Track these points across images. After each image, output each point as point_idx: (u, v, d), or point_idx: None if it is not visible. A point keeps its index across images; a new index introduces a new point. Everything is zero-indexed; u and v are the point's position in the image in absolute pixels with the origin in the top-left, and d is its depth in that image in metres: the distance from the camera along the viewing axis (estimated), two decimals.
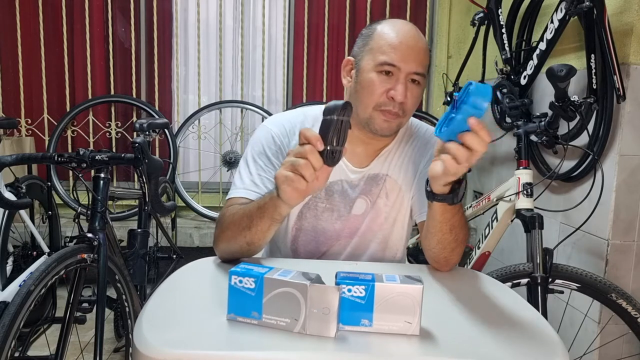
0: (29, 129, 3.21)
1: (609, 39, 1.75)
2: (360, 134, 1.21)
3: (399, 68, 1.12)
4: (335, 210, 1.26)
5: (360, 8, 3.35)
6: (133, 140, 1.63)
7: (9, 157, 1.59)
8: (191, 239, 3.04)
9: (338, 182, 1.25)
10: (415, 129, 1.31)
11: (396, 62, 1.12)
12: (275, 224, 1.05)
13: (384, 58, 1.13)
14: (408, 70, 1.13)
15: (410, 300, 0.78)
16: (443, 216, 1.08)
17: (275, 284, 0.77)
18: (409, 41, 1.14)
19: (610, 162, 1.86)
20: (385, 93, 1.13)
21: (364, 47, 1.18)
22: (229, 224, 1.11)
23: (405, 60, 1.12)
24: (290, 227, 1.27)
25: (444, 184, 1.01)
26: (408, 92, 1.13)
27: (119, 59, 3.31)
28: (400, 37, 1.14)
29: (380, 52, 1.14)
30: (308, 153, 0.89)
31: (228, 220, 1.12)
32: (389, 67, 1.13)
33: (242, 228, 1.07)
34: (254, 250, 1.11)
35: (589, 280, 1.64)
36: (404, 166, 1.27)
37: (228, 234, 1.10)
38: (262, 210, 1.04)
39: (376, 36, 1.16)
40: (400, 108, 1.15)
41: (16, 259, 2.27)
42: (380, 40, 1.15)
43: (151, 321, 0.80)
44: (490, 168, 2.89)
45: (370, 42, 1.17)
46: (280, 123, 1.25)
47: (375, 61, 1.14)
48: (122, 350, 2.16)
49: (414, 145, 1.29)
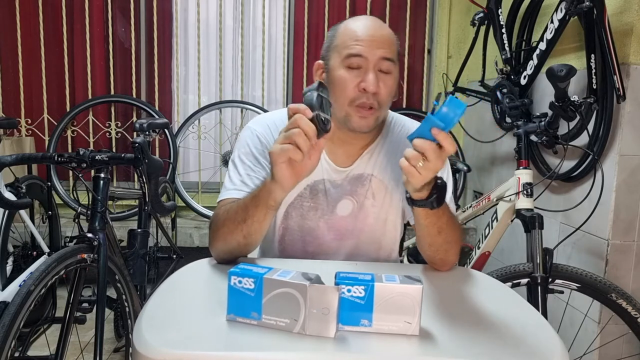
0: (29, 129, 3.21)
1: (609, 39, 1.75)
2: (340, 134, 1.21)
3: (366, 58, 1.13)
4: (319, 209, 1.25)
5: (360, 8, 3.34)
6: (133, 140, 1.63)
7: (9, 157, 1.59)
8: (191, 239, 3.04)
9: (321, 181, 1.24)
10: (399, 127, 1.30)
11: (362, 52, 1.13)
12: (271, 212, 1.06)
13: (349, 51, 1.13)
14: (375, 58, 1.13)
15: (410, 301, 0.78)
16: (427, 220, 1.08)
17: (274, 284, 0.77)
18: (370, 30, 1.14)
19: (610, 162, 1.86)
20: (357, 86, 1.13)
21: (330, 47, 1.19)
22: (224, 221, 1.11)
23: (370, 47, 1.13)
24: (278, 226, 1.27)
25: (418, 190, 1.01)
26: (380, 82, 1.13)
27: (119, 59, 3.31)
28: (362, 28, 1.15)
29: (344, 47, 1.15)
30: (299, 120, 0.92)
31: (223, 217, 1.12)
32: (356, 58, 1.13)
33: (238, 222, 1.07)
34: (250, 245, 1.11)
35: (589, 280, 1.64)
36: (390, 165, 1.26)
37: (224, 230, 1.10)
38: (257, 199, 1.04)
39: (339, 34, 1.18)
40: (374, 99, 1.14)
41: (16, 259, 2.27)
42: (344, 36, 1.16)
43: (151, 321, 0.80)
44: (490, 168, 2.89)
45: (335, 41, 1.18)
46: (264, 123, 1.26)
47: (341, 57, 1.15)
48: (122, 350, 2.16)
49: (400, 143, 1.27)
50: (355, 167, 1.25)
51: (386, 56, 1.14)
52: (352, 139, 1.22)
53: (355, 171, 1.25)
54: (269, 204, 1.04)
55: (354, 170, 1.25)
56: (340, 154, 1.25)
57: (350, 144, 1.24)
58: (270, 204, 1.04)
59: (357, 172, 1.25)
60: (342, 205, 1.25)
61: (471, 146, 3.13)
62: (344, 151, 1.25)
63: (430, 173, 0.97)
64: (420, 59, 3.43)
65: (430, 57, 3.43)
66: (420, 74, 3.43)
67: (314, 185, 1.24)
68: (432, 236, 1.11)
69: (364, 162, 1.25)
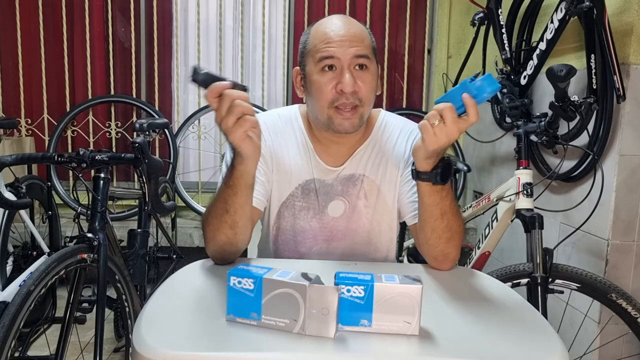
0: (29, 129, 3.21)
1: (609, 39, 1.75)
2: (328, 135, 1.21)
3: (339, 58, 1.12)
4: (311, 209, 1.25)
5: (360, 8, 3.34)
6: (133, 140, 1.63)
7: (9, 157, 1.59)
8: (191, 239, 3.04)
9: (312, 180, 1.24)
10: (391, 127, 1.29)
11: (333, 54, 1.12)
12: (249, 191, 1.05)
13: (322, 54, 1.13)
14: (348, 57, 1.12)
15: (410, 300, 0.78)
16: (430, 198, 1.09)
17: (274, 284, 0.77)
18: (340, 30, 1.14)
19: (610, 162, 1.86)
20: (335, 88, 1.13)
21: (304, 53, 1.19)
22: (207, 220, 1.10)
23: (342, 47, 1.12)
24: (271, 226, 1.27)
25: (426, 157, 1.03)
26: (358, 81, 1.13)
27: (119, 59, 3.31)
28: (332, 28, 1.15)
29: (317, 51, 1.14)
30: (230, 94, 0.91)
31: (206, 215, 1.11)
32: (329, 60, 1.13)
33: (220, 215, 1.06)
34: (239, 235, 1.09)
35: (589, 280, 1.64)
36: (382, 165, 1.25)
37: (210, 228, 1.09)
38: (234, 187, 1.03)
39: (311, 38, 1.18)
40: (354, 98, 1.14)
41: (16, 259, 2.27)
42: (315, 40, 1.16)
43: (150, 322, 0.80)
44: (490, 168, 2.89)
45: (307, 46, 1.18)
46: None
47: (315, 61, 1.14)
48: (122, 350, 2.16)
49: (391, 143, 1.26)
50: (346, 167, 1.25)
51: (359, 53, 1.13)
52: (340, 139, 1.22)
53: (346, 171, 1.25)
54: (248, 183, 1.04)
55: (345, 170, 1.25)
56: (330, 154, 1.25)
57: (339, 144, 1.24)
58: (249, 182, 1.04)
59: (348, 173, 1.25)
60: (334, 206, 1.25)
61: (471, 146, 3.13)
62: (333, 151, 1.25)
63: (443, 137, 0.98)
64: (420, 59, 3.43)
65: (430, 57, 3.43)
66: (420, 74, 3.43)
67: (305, 185, 1.24)
68: (435, 218, 1.10)
69: (355, 162, 1.25)
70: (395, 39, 3.35)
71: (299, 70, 1.22)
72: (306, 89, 1.20)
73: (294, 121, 1.28)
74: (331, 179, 1.25)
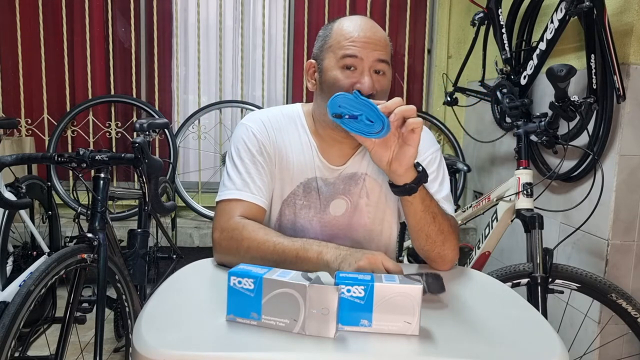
0: (29, 129, 3.21)
1: (609, 39, 1.75)
2: (333, 134, 1.21)
3: (362, 59, 1.13)
4: (312, 207, 1.25)
5: (360, 8, 3.34)
6: (133, 140, 1.63)
7: (9, 157, 1.59)
8: (191, 239, 3.04)
9: (314, 179, 1.24)
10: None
11: (357, 53, 1.13)
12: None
13: (345, 52, 1.13)
14: (371, 60, 1.13)
15: (410, 301, 0.78)
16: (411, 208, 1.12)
17: (274, 284, 0.77)
18: (366, 32, 1.15)
19: (610, 162, 1.86)
20: (351, 87, 1.13)
21: (323, 47, 1.19)
22: (249, 248, 1.09)
23: (366, 49, 1.13)
24: (272, 224, 1.27)
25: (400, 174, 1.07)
26: (375, 84, 1.14)
27: (119, 59, 3.31)
28: (358, 29, 1.15)
29: (340, 48, 1.14)
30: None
31: (248, 244, 1.09)
32: (351, 59, 1.13)
33: (267, 260, 1.05)
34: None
35: (589, 280, 1.64)
36: None
37: (247, 256, 1.07)
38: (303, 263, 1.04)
39: (334, 34, 1.17)
40: None
41: (16, 259, 2.27)
42: (339, 37, 1.16)
43: (150, 322, 0.80)
44: (490, 168, 2.89)
45: (329, 41, 1.18)
46: (258, 120, 1.25)
47: (336, 57, 1.15)
48: (122, 350, 2.16)
49: None
50: (348, 166, 1.25)
51: (381, 58, 1.14)
52: (344, 138, 1.22)
53: (349, 170, 1.25)
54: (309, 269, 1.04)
55: (347, 169, 1.25)
56: (333, 153, 1.25)
57: (343, 143, 1.24)
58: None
59: (351, 171, 1.25)
60: (336, 204, 1.25)
61: (471, 146, 3.13)
62: (336, 150, 1.25)
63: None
64: (420, 59, 3.43)
65: (430, 57, 3.43)
66: (420, 74, 3.43)
67: (307, 183, 1.24)
68: (428, 223, 1.12)
69: (358, 161, 1.25)
70: (395, 39, 3.35)
71: (314, 64, 1.22)
72: (319, 83, 1.20)
73: (297, 119, 1.28)
74: (333, 177, 1.25)
